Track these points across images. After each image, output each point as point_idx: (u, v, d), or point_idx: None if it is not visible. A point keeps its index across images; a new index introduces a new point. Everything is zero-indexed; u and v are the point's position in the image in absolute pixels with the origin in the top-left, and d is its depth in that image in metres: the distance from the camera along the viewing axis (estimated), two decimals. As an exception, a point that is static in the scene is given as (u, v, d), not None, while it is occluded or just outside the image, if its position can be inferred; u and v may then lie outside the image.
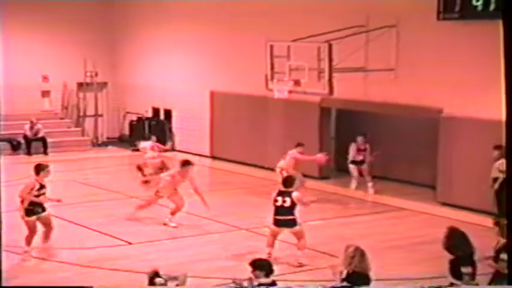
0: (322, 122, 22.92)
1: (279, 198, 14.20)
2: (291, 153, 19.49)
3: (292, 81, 20.04)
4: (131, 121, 29.56)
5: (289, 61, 19.99)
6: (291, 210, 14.18)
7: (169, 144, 24.83)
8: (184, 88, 27.46)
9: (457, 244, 10.57)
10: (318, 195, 19.97)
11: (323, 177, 22.09)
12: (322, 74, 19.31)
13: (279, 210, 14.22)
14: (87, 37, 29.15)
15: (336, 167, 23.01)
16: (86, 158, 26.85)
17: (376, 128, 22.82)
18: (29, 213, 14.73)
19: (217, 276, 13.46)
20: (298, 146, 19.66)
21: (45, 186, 14.97)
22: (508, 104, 8.68)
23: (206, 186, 20.87)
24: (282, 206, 14.16)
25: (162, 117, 28.84)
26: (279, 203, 14.19)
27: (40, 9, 28.28)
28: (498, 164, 17.48)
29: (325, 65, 19.25)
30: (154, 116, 29.03)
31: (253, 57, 22.86)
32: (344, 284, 9.71)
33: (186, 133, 27.74)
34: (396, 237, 16.15)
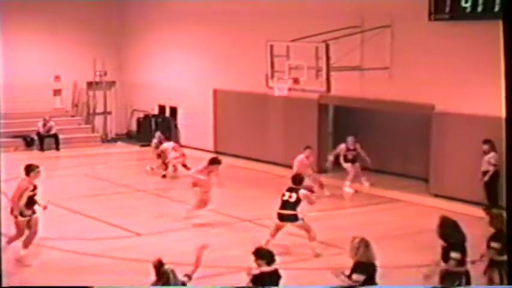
0: (320, 118, 22.91)
1: (286, 193, 14.29)
2: (299, 159, 19.06)
3: (291, 79, 20.02)
4: (138, 118, 29.56)
5: (288, 60, 19.96)
6: (295, 206, 14.24)
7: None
8: (189, 86, 27.47)
9: (449, 232, 10.63)
10: (316, 189, 19.93)
11: (321, 171, 22.06)
12: (320, 73, 19.29)
13: (284, 205, 14.30)
14: (97, 38, 29.21)
15: (334, 160, 22.98)
16: (96, 153, 26.86)
17: (371, 124, 22.86)
18: (23, 214, 13.97)
19: (221, 265, 13.50)
20: (307, 149, 19.31)
21: (36, 187, 14.26)
22: (508, 102, 8.68)
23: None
24: (287, 200, 14.25)
25: (167, 114, 28.85)
26: (285, 198, 14.27)
27: (51, 12, 28.29)
28: (488, 158, 17.52)
29: (322, 63, 19.23)
30: (161, 113, 29.03)
31: (254, 56, 22.85)
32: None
33: (191, 129, 27.74)
34: (391, 227, 16.18)
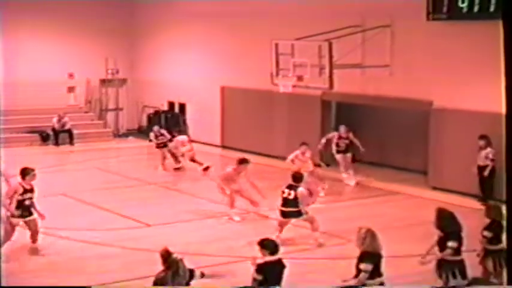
0: (323, 113, 22.89)
1: (286, 191, 14.18)
2: (294, 155, 18.74)
3: (295, 76, 20.01)
4: (149, 114, 29.57)
5: (292, 58, 19.96)
6: (295, 202, 14.14)
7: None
8: (197, 84, 27.47)
9: (446, 223, 10.66)
10: (318, 182, 19.94)
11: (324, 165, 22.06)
12: (323, 70, 19.28)
13: (285, 202, 14.21)
14: (109, 37, 29.22)
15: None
16: (108, 148, 26.89)
17: (372, 120, 22.86)
18: (15, 216, 13.49)
19: (228, 254, 13.54)
20: (302, 145, 18.90)
21: (32, 190, 13.71)
22: (508, 100, 8.68)
23: (218, 173, 20.87)
24: (287, 198, 14.16)
25: (177, 110, 28.88)
26: (285, 195, 14.18)
27: (65, 12, 28.34)
28: (486, 153, 17.49)
29: (325, 61, 19.23)
30: (170, 109, 29.05)
31: (260, 55, 22.83)
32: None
33: (199, 124, 27.75)
34: (391, 218, 16.16)
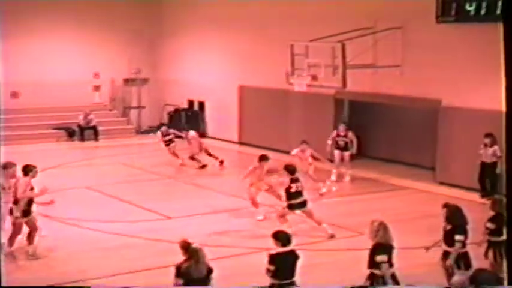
0: (336, 111, 22.85)
1: (293, 185, 14.14)
2: (294, 153, 18.66)
3: (310, 76, 20.01)
4: (169, 112, 29.59)
5: (307, 59, 19.96)
6: (302, 193, 14.24)
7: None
8: (216, 83, 27.50)
9: (454, 216, 10.65)
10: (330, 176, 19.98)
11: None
12: (336, 70, 19.26)
13: (292, 195, 14.18)
14: (132, 39, 29.27)
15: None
16: (131, 144, 26.94)
17: (383, 117, 22.82)
18: (25, 214, 12.88)
19: (243, 245, 13.60)
20: (303, 143, 18.77)
21: (32, 188, 13.01)
22: (508, 98, 8.66)
23: (235, 168, 20.98)
24: (296, 191, 14.16)
25: (196, 108, 28.93)
26: (293, 189, 14.14)
27: (91, 14, 28.41)
28: (493, 151, 17.41)
29: (339, 62, 19.22)
30: (190, 107, 29.11)
31: (276, 55, 22.83)
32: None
33: (218, 122, 27.81)
34: (399, 212, 16.14)
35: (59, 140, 26.96)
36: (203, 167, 21.54)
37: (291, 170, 14.46)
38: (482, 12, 17.65)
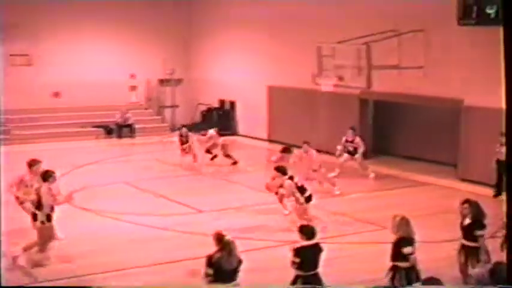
0: (361, 111, 22.78)
1: (297, 182, 14.54)
2: (298, 153, 18.10)
3: (336, 77, 20.00)
4: (202, 111, 29.72)
5: (334, 60, 19.95)
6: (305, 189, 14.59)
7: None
8: (246, 83, 27.56)
9: (474, 211, 10.62)
10: (356, 173, 19.90)
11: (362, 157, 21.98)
12: (361, 71, 19.25)
13: (301, 190, 14.55)
14: (167, 41, 29.46)
15: (373, 148, 22.92)
16: (165, 141, 27.06)
17: (406, 116, 22.73)
18: (49, 219, 12.17)
19: (271, 238, 13.62)
20: (304, 144, 18.16)
21: (53, 194, 12.29)
22: (507, 99, 8.63)
23: (264, 164, 21.03)
24: (301, 186, 14.56)
25: (227, 108, 29.03)
26: (299, 185, 14.54)
27: (129, 16, 28.60)
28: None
29: (364, 63, 19.20)
30: (221, 107, 29.21)
31: (304, 57, 22.86)
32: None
33: (248, 120, 27.88)
34: (421, 207, 16.08)
35: (98, 138, 27.18)
36: (213, 158, 21.40)
37: (282, 170, 14.66)
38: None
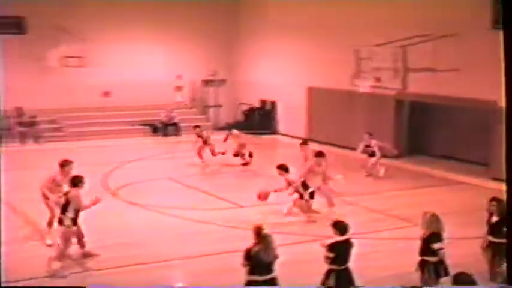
0: (397, 111, 22.75)
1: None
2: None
3: (373, 78, 20.02)
4: (244, 110, 29.91)
5: (371, 62, 19.97)
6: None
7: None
8: (287, 84, 27.68)
9: (502, 210, 10.60)
10: (393, 172, 19.91)
11: (396, 156, 21.95)
12: (397, 73, 19.27)
13: (306, 187, 14.76)
14: (212, 44, 29.66)
15: (408, 147, 22.88)
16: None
17: (440, 117, 22.63)
18: (74, 223, 11.80)
19: (307, 233, 13.68)
20: (304, 144, 17.48)
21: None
22: (508, 99, 8.64)
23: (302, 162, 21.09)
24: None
25: (268, 107, 29.15)
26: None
27: (175, 19, 28.80)
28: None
29: (400, 65, 19.22)
30: (262, 107, 29.35)
31: (342, 59, 22.89)
32: None
33: (287, 120, 28.00)
34: (453, 204, 16.06)
35: (145, 135, 27.55)
36: (246, 164, 20.98)
37: (285, 168, 14.86)
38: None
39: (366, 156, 19.62)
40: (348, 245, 9.78)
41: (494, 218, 10.67)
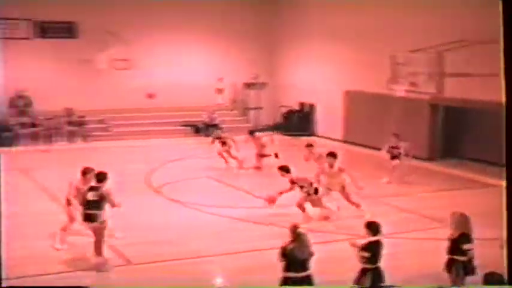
0: (432, 115, 22.59)
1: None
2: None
3: (409, 83, 19.96)
4: (283, 113, 29.96)
5: (407, 67, 19.91)
6: None
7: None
8: (325, 88, 27.70)
9: None
10: (425, 174, 19.80)
11: (429, 159, 21.80)
12: (432, 78, 19.18)
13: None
14: (253, 48, 29.82)
15: (442, 150, 22.74)
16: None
17: (474, 121, 22.44)
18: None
19: (334, 231, 13.82)
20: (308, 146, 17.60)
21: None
22: (508, 99, 8.59)
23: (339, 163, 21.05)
24: None
25: (307, 110, 29.17)
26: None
27: (218, 22, 29.04)
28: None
29: (435, 70, 19.13)
30: (301, 109, 29.39)
31: (379, 64, 22.89)
32: None
33: (325, 122, 28.02)
34: (484, 206, 15.67)
35: (187, 136, 27.79)
36: (257, 168, 20.65)
37: (286, 169, 14.76)
38: None
39: (389, 158, 19.02)
40: (380, 244, 9.82)
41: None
